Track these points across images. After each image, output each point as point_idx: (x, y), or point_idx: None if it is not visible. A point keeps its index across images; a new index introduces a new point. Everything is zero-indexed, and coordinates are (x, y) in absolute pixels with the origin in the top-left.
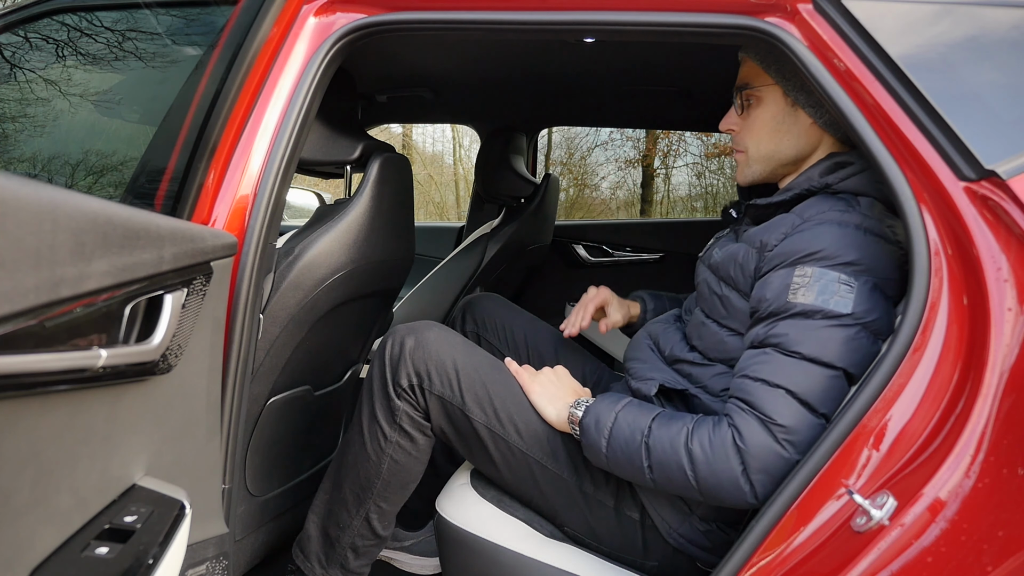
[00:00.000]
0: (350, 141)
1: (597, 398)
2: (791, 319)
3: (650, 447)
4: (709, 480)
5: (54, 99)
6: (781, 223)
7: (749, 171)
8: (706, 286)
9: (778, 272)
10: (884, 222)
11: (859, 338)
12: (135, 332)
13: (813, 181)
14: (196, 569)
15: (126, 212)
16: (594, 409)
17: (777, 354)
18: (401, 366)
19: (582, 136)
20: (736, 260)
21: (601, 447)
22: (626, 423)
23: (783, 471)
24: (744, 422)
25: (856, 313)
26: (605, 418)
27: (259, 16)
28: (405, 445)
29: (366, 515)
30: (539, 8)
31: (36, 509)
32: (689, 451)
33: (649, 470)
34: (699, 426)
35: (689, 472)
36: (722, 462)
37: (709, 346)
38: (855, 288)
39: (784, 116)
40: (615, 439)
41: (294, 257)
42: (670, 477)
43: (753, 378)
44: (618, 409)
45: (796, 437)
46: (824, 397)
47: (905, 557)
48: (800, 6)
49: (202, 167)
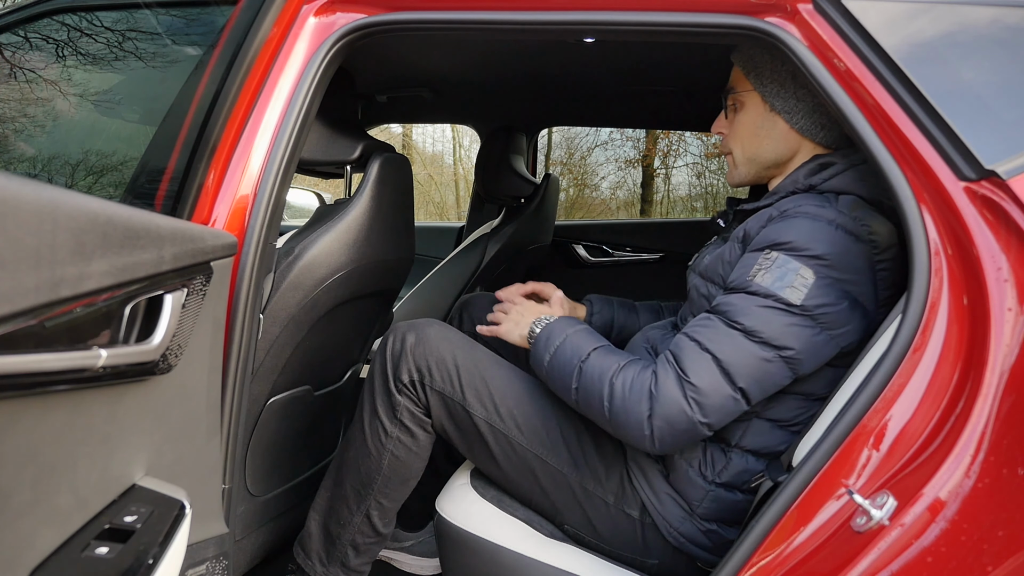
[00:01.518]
0: (350, 141)
1: (559, 318)
2: (744, 294)
3: (582, 371)
4: (619, 416)
5: (54, 99)
6: (761, 216)
7: (737, 173)
8: (695, 291)
9: (749, 254)
10: (860, 220)
11: (805, 327)
12: (135, 332)
13: (798, 183)
14: (196, 569)
15: (126, 212)
16: (550, 326)
17: (719, 321)
18: (402, 362)
19: (582, 136)
20: (723, 259)
21: (544, 360)
22: (571, 345)
23: (684, 426)
24: (664, 372)
25: (806, 306)
26: (556, 336)
27: (259, 16)
28: (406, 441)
29: (367, 512)
30: (539, 8)
31: (36, 509)
32: (611, 384)
33: (576, 392)
34: (629, 366)
35: (606, 403)
36: (634, 403)
37: None
38: (811, 282)
39: (763, 121)
40: (557, 357)
41: (294, 257)
42: (590, 403)
43: (689, 337)
44: (570, 331)
45: (705, 400)
46: (748, 373)
47: (905, 557)
48: (800, 6)
49: (202, 167)
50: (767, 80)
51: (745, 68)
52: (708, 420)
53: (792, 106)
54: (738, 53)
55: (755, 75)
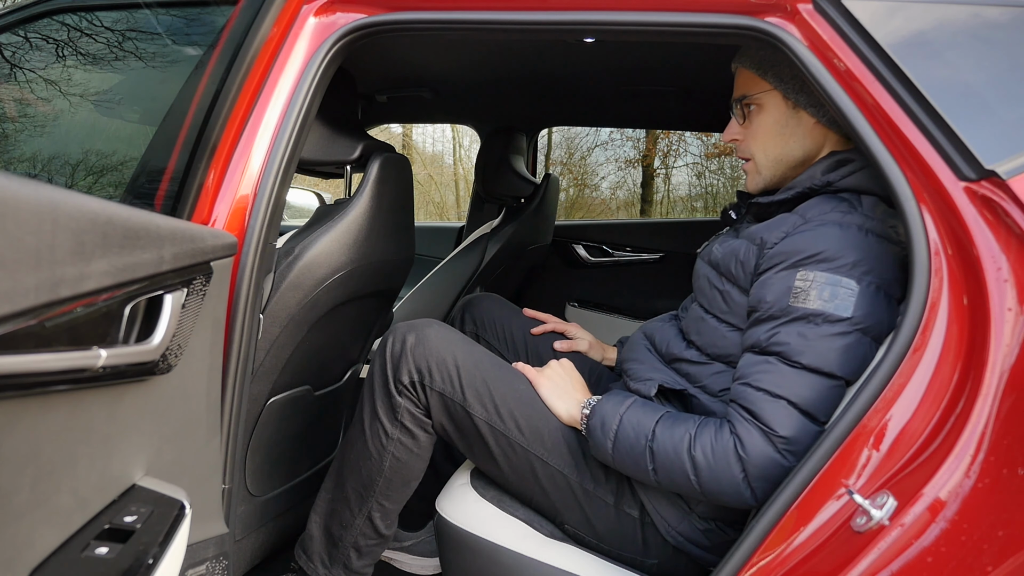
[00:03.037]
0: (350, 141)
1: (602, 398)
2: (792, 324)
3: (654, 451)
4: (711, 485)
5: (54, 99)
6: (783, 222)
7: (760, 178)
8: (706, 281)
9: (779, 274)
10: (887, 223)
11: (860, 345)
12: (135, 332)
13: (815, 179)
14: (196, 569)
15: (126, 212)
16: (599, 410)
17: (780, 363)
18: (402, 363)
19: (582, 136)
20: (737, 257)
21: (607, 449)
22: (631, 426)
23: (782, 477)
24: (746, 431)
25: (856, 317)
26: (610, 420)
27: (259, 16)
28: (406, 442)
29: (369, 513)
30: (539, 8)
31: (36, 509)
32: (692, 457)
33: (654, 472)
34: (702, 432)
35: (692, 477)
36: (724, 469)
37: (708, 342)
38: (856, 291)
39: (787, 119)
40: (620, 442)
41: (294, 257)
42: (674, 480)
43: (755, 387)
44: (623, 411)
45: (796, 447)
46: (825, 406)
47: (905, 557)
48: (800, 6)
49: (202, 167)
50: (787, 77)
51: (759, 69)
52: (796, 457)
53: (816, 99)
54: (744, 58)
55: (773, 74)
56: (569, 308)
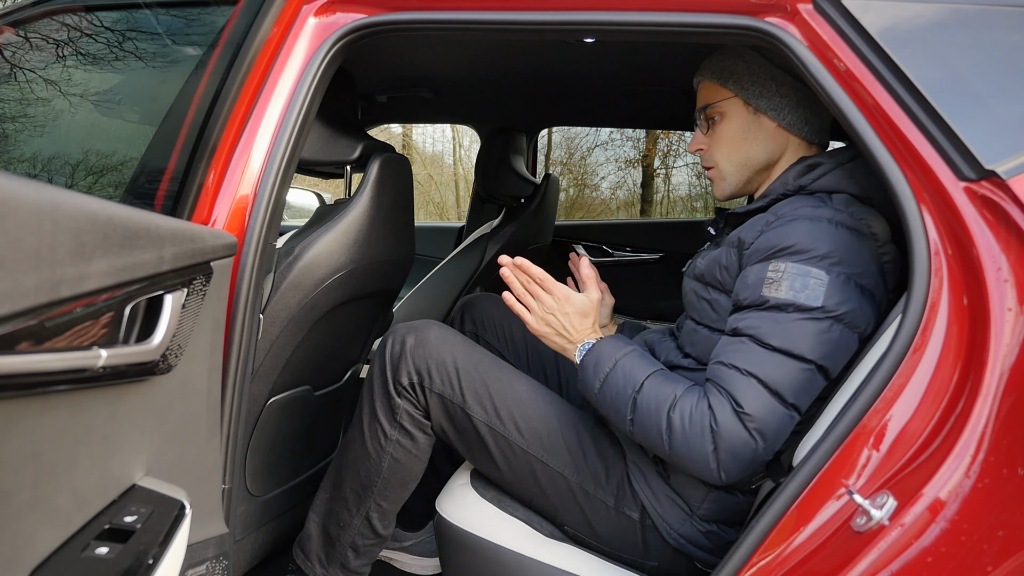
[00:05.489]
0: (350, 141)
1: (603, 340)
2: (765, 311)
3: (637, 402)
4: (681, 449)
5: (54, 99)
6: (757, 221)
7: (725, 184)
8: (694, 295)
9: (754, 267)
10: (858, 217)
11: (832, 331)
12: (135, 332)
13: (788, 185)
14: (196, 569)
15: (126, 212)
16: (597, 350)
17: (751, 343)
18: (402, 364)
19: (582, 136)
20: (720, 263)
21: (594, 387)
22: (623, 373)
23: (750, 459)
24: (720, 406)
25: (827, 306)
26: (605, 363)
27: (259, 16)
28: (405, 444)
29: (366, 514)
30: (539, 8)
31: (36, 509)
32: (670, 419)
33: (631, 422)
34: (685, 396)
35: (665, 437)
36: (696, 438)
37: (702, 352)
38: (826, 281)
39: (749, 124)
40: (608, 385)
41: (294, 257)
42: (648, 435)
43: (728, 364)
44: (619, 357)
45: (764, 427)
46: (795, 388)
47: (905, 557)
48: (800, 6)
49: (202, 167)
50: (747, 83)
51: (720, 78)
52: (769, 444)
53: (777, 103)
54: (704, 71)
55: (733, 81)
56: None
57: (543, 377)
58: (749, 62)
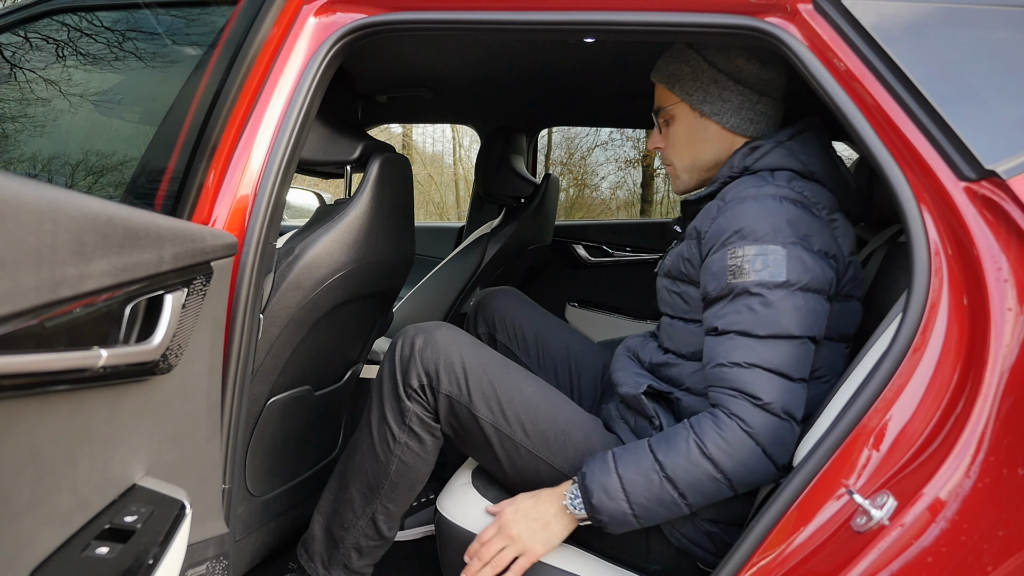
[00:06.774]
0: (350, 141)
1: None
2: (738, 300)
3: (673, 478)
4: (740, 474)
5: (54, 99)
6: (709, 210)
7: (680, 182)
8: (665, 291)
9: (713, 256)
10: (798, 190)
11: (807, 301)
12: (135, 332)
13: (734, 168)
14: (196, 569)
15: (126, 212)
16: (591, 483)
17: (740, 337)
18: (411, 366)
19: (582, 136)
20: (683, 256)
21: (626, 511)
22: (632, 472)
23: (791, 437)
24: (740, 408)
25: (791, 279)
26: (610, 483)
27: (259, 16)
28: (413, 446)
29: (372, 516)
30: (539, 8)
31: (36, 509)
32: (710, 459)
33: (683, 498)
34: (702, 430)
35: (719, 476)
36: (744, 452)
37: (680, 344)
38: (784, 254)
39: (696, 128)
40: (635, 495)
41: (294, 257)
42: (703, 491)
43: (727, 363)
44: (613, 466)
45: (787, 405)
46: (795, 364)
47: (905, 557)
48: (800, 6)
49: (202, 167)
50: (691, 89)
51: (668, 83)
52: (798, 417)
53: (719, 108)
54: (656, 72)
55: (679, 87)
56: (569, 308)
57: (554, 379)
58: (693, 66)
